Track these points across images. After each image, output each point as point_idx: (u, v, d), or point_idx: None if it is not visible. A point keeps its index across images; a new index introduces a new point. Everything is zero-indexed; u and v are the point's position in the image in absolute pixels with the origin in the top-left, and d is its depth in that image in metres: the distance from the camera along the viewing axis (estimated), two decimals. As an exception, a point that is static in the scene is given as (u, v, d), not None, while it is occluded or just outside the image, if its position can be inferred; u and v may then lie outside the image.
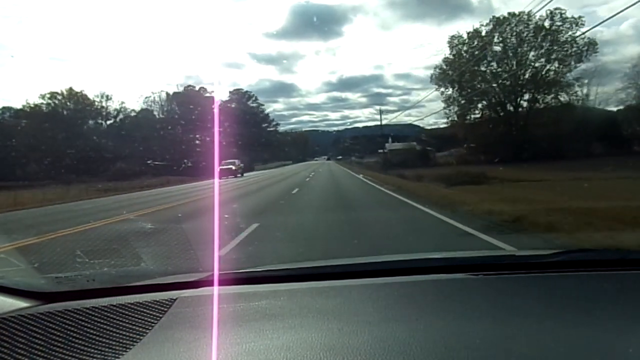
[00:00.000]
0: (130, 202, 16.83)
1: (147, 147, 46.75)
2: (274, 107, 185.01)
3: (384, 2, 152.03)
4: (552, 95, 42.80)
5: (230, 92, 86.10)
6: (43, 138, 41.19)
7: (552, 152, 35.77)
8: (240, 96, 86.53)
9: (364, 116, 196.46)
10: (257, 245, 6.41)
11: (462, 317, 1.16)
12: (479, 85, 44.06)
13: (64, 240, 7.51)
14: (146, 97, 64.47)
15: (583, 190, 13.87)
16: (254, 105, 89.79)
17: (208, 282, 1.50)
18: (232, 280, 1.52)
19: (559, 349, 0.97)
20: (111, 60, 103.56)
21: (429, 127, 70.07)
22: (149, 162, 41.14)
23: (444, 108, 46.62)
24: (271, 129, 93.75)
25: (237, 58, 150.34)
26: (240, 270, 1.65)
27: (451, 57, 45.89)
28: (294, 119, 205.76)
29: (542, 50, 42.23)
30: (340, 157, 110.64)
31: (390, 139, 75.96)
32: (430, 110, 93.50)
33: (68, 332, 1.13)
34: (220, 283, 1.47)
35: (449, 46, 45.87)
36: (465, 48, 45.02)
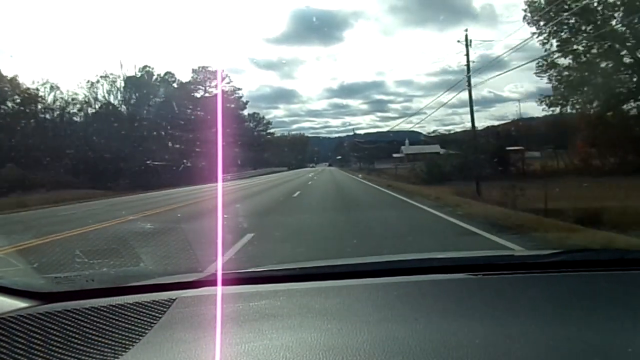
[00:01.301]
0: None
1: (89, 147, 35.20)
2: (275, 114, 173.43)
3: (385, 7, 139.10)
4: None
5: (193, 70, 55.97)
6: None
7: None
8: (208, 75, 54.94)
9: (365, 123, 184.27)
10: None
11: (462, 317, 1.16)
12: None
13: None
14: (88, 82, 45.07)
15: None
16: (229, 89, 59.52)
17: (208, 282, 1.49)
18: (231, 280, 1.51)
19: (559, 348, 0.97)
20: (107, 60, 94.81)
21: (429, 134, 63.28)
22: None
23: (551, 76, 25.84)
24: (260, 128, 72.66)
25: (236, 63, 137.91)
26: (240, 271, 1.64)
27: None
28: (294, 126, 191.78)
29: None
30: (339, 157, 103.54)
31: (407, 142, 70.06)
32: (431, 117, 78.55)
33: (67, 332, 1.13)
34: (220, 283, 1.46)
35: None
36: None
